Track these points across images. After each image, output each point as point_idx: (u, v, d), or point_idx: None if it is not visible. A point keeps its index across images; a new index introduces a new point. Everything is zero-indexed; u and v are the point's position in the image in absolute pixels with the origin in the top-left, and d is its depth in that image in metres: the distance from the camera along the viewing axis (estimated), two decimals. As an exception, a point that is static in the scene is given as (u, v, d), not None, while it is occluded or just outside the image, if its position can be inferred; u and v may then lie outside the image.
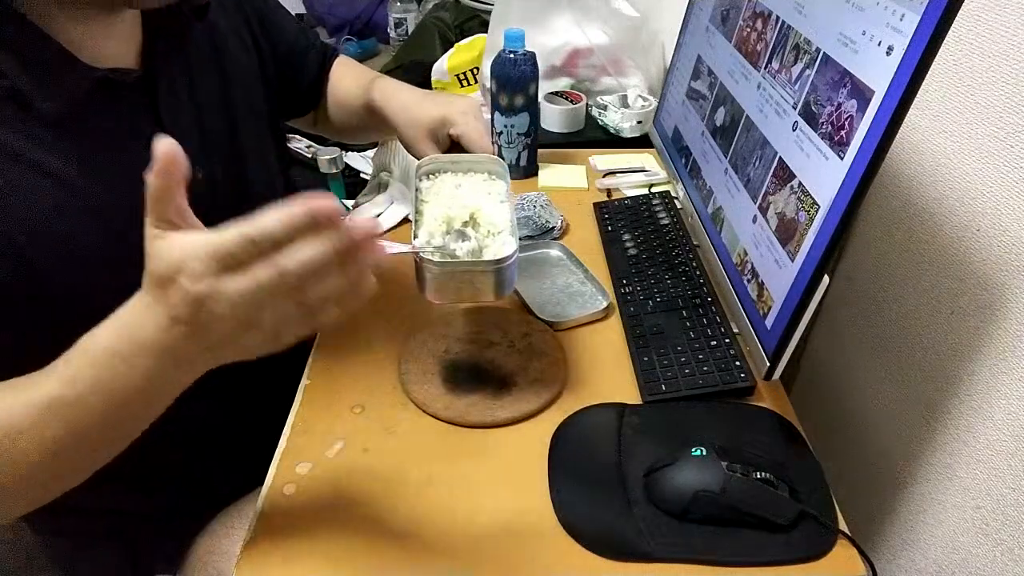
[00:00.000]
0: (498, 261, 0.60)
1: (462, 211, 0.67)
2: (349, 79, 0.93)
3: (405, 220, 0.97)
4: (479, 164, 0.75)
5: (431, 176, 0.75)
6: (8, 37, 0.53)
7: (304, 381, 0.75)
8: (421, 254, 0.60)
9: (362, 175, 1.99)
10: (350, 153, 2.02)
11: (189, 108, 0.68)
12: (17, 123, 0.54)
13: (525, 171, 1.13)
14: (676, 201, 1.00)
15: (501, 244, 0.65)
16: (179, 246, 0.41)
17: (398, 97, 0.86)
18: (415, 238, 0.64)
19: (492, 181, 0.74)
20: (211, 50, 0.73)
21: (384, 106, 0.86)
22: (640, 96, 1.28)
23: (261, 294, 0.40)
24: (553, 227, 0.97)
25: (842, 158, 0.57)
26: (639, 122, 1.25)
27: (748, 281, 0.72)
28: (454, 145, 0.82)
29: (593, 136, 1.30)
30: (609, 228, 0.98)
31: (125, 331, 0.45)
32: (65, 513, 0.78)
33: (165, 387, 0.47)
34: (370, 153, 1.76)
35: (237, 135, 0.74)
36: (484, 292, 0.62)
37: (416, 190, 0.71)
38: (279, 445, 0.67)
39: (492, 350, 0.77)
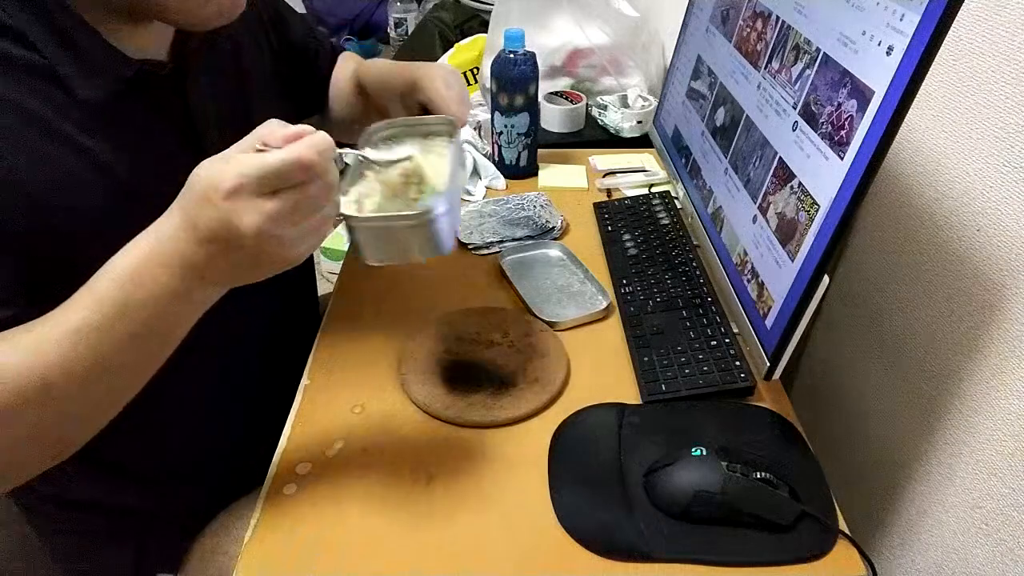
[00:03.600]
0: (421, 214, 0.54)
1: (403, 173, 0.61)
2: (344, 71, 0.94)
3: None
4: (433, 126, 0.69)
5: (391, 141, 0.68)
6: (52, 24, 0.55)
7: (304, 381, 0.75)
8: (343, 211, 0.55)
9: (362, 175, 1.99)
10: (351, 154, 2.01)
11: (213, 103, 0.70)
12: (54, 101, 0.56)
13: (525, 171, 1.13)
14: (676, 201, 1.00)
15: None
16: (236, 167, 0.46)
17: (378, 67, 0.86)
18: (342, 195, 0.58)
19: (450, 143, 0.67)
20: (231, 50, 0.74)
21: (366, 80, 0.87)
22: (640, 96, 1.28)
23: (286, 214, 0.47)
24: (553, 227, 0.98)
25: (842, 158, 0.57)
26: (639, 122, 1.25)
27: (748, 281, 0.72)
28: (427, 112, 0.76)
29: (593, 136, 1.30)
30: (609, 228, 0.98)
31: (154, 249, 0.49)
32: (68, 511, 0.78)
33: (186, 307, 0.51)
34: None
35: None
36: (412, 249, 0.57)
37: (364, 157, 0.64)
38: (279, 445, 0.67)
39: (492, 350, 0.77)
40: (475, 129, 1.21)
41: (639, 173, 1.15)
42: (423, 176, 0.61)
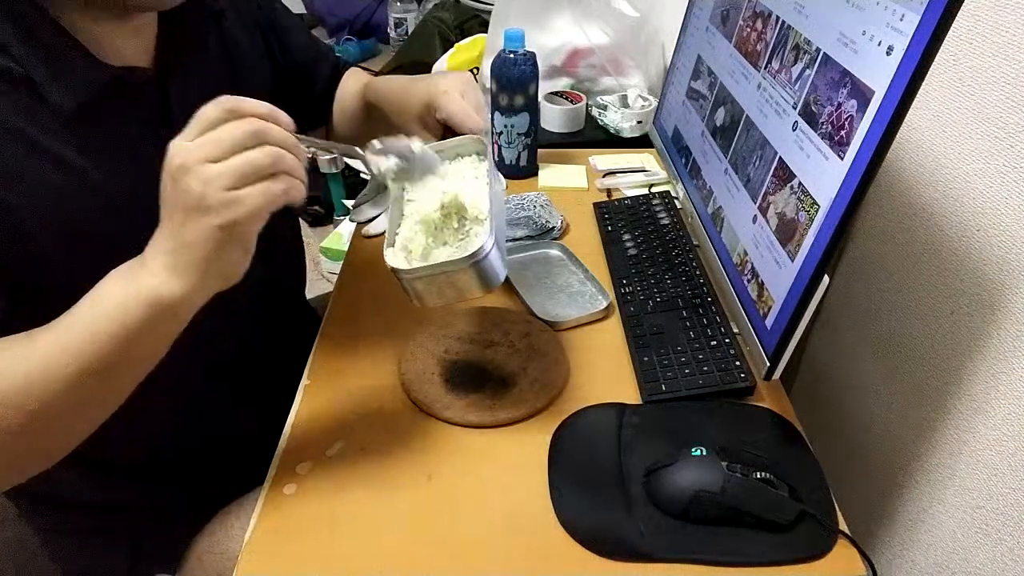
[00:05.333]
0: (470, 256, 0.55)
1: (443, 208, 0.63)
2: (351, 88, 0.92)
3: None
4: (463, 147, 0.69)
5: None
6: (27, 30, 0.54)
7: (304, 381, 0.75)
8: (392, 265, 0.57)
9: (362, 175, 2.00)
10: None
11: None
12: (29, 110, 0.55)
13: (525, 171, 1.13)
14: (676, 201, 1.00)
15: (475, 236, 0.60)
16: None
17: (388, 87, 0.84)
18: (390, 247, 0.61)
19: (481, 162, 0.68)
20: (224, 56, 0.73)
21: (376, 99, 0.84)
22: (640, 96, 1.28)
23: (201, 143, 0.48)
24: (553, 227, 0.97)
25: (842, 158, 0.57)
26: (639, 122, 1.25)
27: (748, 281, 0.72)
28: (448, 128, 0.74)
29: (593, 136, 1.30)
30: (609, 228, 0.98)
31: (137, 259, 0.51)
32: (66, 511, 0.78)
33: (157, 311, 0.50)
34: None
35: None
36: (469, 289, 0.58)
37: (403, 189, 0.67)
38: (279, 445, 0.67)
39: (492, 350, 0.77)
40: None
41: (639, 173, 1.15)
42: (462, 206, 0.62)
